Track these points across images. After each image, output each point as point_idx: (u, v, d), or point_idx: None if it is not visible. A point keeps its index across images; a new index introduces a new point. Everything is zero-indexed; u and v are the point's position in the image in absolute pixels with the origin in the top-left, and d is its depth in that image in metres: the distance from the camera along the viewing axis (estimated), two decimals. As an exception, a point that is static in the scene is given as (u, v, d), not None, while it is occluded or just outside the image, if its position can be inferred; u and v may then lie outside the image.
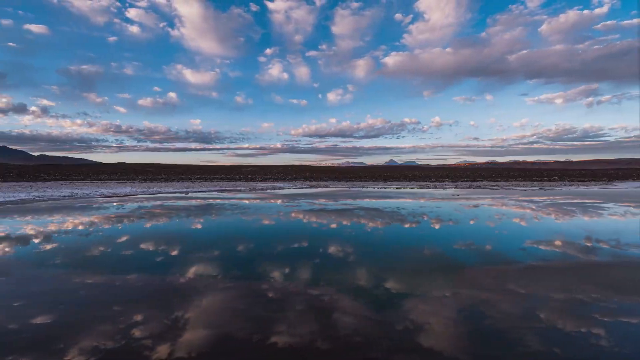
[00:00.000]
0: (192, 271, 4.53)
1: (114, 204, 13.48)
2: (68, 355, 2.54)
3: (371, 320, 3.09)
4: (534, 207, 11.73)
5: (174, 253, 5.58)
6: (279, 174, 67.42)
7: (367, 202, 14.13)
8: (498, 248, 5.85)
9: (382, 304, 3.44)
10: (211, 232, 7.52)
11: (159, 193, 19.77)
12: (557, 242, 6.20)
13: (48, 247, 5.97)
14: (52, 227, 7.87)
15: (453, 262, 4.97)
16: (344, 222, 8.65)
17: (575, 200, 14.73)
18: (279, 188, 25.34)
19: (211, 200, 15.20)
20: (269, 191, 21.72)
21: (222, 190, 22.33)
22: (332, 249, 5.81)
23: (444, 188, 24.69)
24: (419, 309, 3.33)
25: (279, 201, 14.89)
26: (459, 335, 2.83)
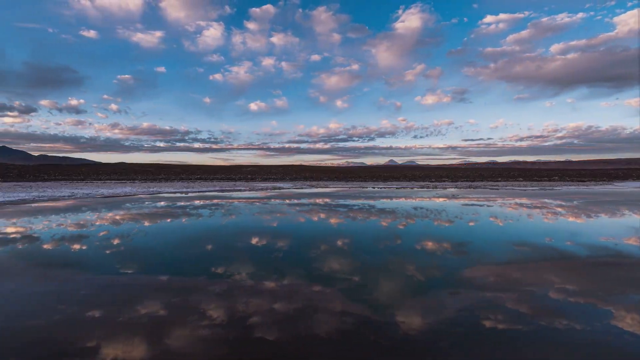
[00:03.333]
0: (193, 271, 4.54)
1: (115, 203, 13.48)
2: (69, 355, 2.55)
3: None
4: (539, 205, 11.74)
5: (176, 252, 5.58)
6: (279, 174, 67.34)
7: (366, 202, 14.16)
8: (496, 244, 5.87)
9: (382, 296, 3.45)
10: (209, 230, 7.51)
11: (159, 193, 19.79)
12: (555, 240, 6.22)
13: (47, 246, 5.97)
14: (51, 227, 7.87)
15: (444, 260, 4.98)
16: (342, 219, 8.67)
17: (575, 200, 14.75)
18: (279, 188, 25.37)
19: (212, 200, 15.23)
20: (269, 191, 21.75)
21: (223, 190, 22.35)
22: (328, 246, 5.83)
23: (444, 188, 24.73)
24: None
25: (279, 200, 14.93)
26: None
